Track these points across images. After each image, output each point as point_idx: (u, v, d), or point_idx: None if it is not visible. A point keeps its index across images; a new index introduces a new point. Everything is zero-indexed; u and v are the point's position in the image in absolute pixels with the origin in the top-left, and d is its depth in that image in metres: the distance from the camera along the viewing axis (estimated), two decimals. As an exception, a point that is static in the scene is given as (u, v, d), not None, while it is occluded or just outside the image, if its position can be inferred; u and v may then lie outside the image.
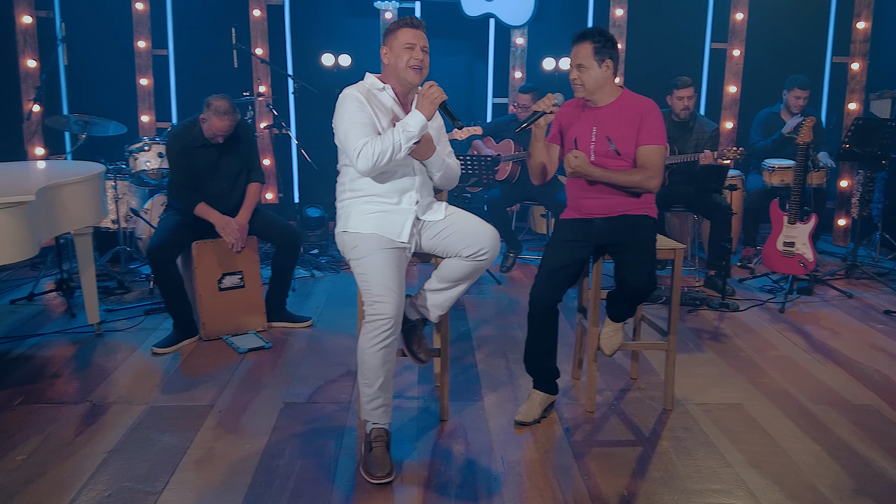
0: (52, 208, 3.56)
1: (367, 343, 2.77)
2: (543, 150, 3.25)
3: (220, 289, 4.14)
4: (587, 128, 3.20)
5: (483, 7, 6.34)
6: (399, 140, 2.79)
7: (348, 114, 2.84)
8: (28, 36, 5.72)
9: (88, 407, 3.32)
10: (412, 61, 2.91)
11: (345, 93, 2.89)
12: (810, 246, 4.82)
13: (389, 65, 2.95)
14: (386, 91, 2.96)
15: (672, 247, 3.28)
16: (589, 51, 3.12)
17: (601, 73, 3.14)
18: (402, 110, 2.98)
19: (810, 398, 3.50)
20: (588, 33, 3.15)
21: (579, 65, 3.13)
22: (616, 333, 3.24)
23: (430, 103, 2.83)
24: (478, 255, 2.95)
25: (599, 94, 3.19)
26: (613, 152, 3.15)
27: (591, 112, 3.22)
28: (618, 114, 3.18)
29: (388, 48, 2.95)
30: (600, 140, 3.17)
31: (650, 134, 3.15)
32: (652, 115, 3.18)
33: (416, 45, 2.92)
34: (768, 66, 6.53)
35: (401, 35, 2.92)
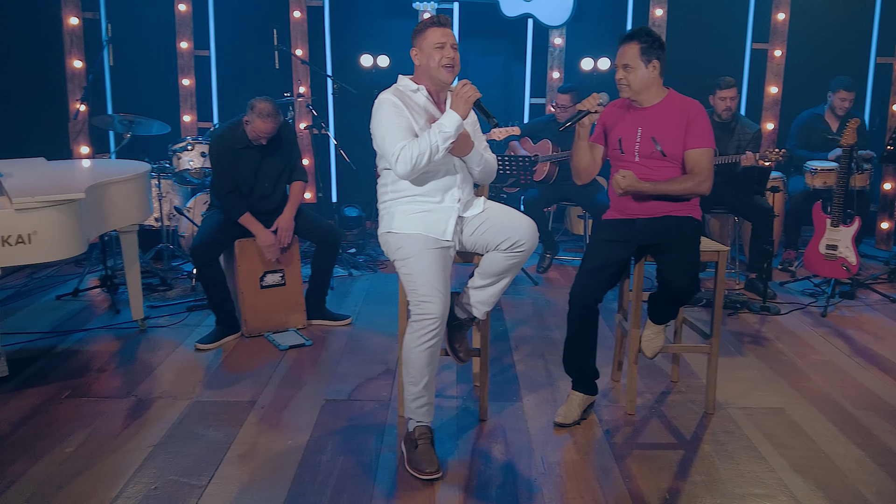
0: (100, 206, 3.64)
1: (413, 342, 2.80)
2: (587, 150, 3.25)
3: (262, 286, 4.19)
4: (632, 128, 3.19)
5: (521, 7, 6.33)
6: (436, 141, 2.79)
7: (385, 118, 2.86)
8: (75, 37, 5.84)
9: (134, 401, 3.39)
10: (444, 60, 2.92)
11: (380, 98, 2.91)
12: (853, 249, 4.74)
13: (421, 65, 2.96)
14: (420, 92, 2.98)
15: (715, 248, 3.26)
16: (636, 51, 3.11)
17: (647, 74, 3.13)
18: (437, 109, 2.99)
19: (853, 403, 3.45)
20: (635, 33, 3.15)
21: (626, 65, 3.13)
22: (657, 336, 3.22)
23: (465, 102, 2.83)
24: (515, 247, 2.95)
25: (645, 95, 3.18)
26: (658, 153, 3.14)
27: (637, 112, 3.21)
28: (664, 115, 3.17)
29: (417, 49, 2.96)
30: (645, 141, 3.16)
31: (698, 137, 3.14)
32: (700, 117, 3.16)
33: (445, 44, 2.93)
34: (810, 67, 6.43)
35: (429, 35, 2.93)
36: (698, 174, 3.13)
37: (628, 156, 3.19)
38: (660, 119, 3.17)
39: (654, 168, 3.15)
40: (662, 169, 3.16)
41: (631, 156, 3.18)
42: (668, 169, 3.16)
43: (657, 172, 3.14)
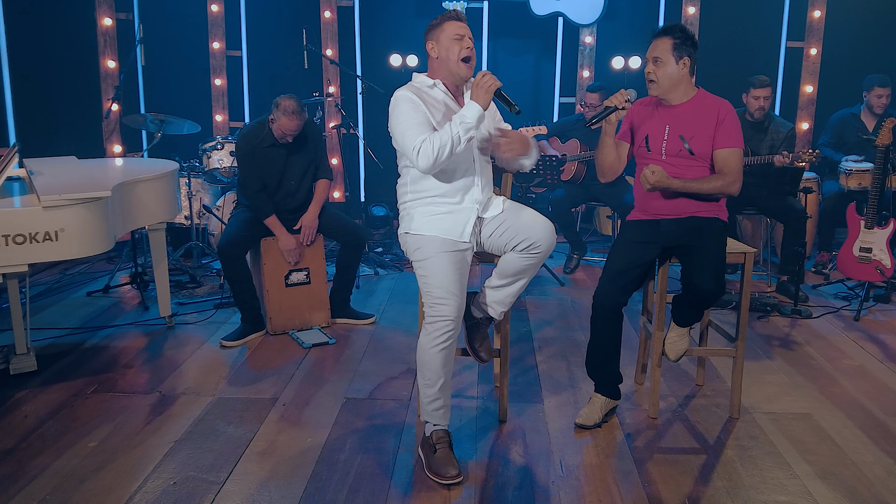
0: (128, 204, 3.69)
1: (427, 344, 2.79)
2: (613, 148, 3.21)
3: (287, 285, 4.22)
4: (660, 126, 3.15)
5: (552, 6, 6.29)
6: (457, 132, 2.75)
7: (403, 115, 2.84)
8: (108, 37, 5.94)
9: (158, 397, 3.43)
10: (463, 52, 2.88)
11: (396, 95, 2.89)
12: (888, 252, 4.63)
13: (439, 58, 2.92)
14: (437, 87, 2.95)
15: (742, 250, 3.20)
16: (668, 45, 3.07)
17: (677, 70, 3.09)
18: (455, 103, 2.96)
19: (884, 410, 3.37)
20: (669, 29, 3.11)
21: (656, 58, 3.09)
22: (682, 339, 3.17)
23: (486, 92, 2.79)
24: (531, 248, 2.92)
25: (673, 93, 3.14)
26: (686, 152, 3.09)
27: (665, 110, 3.17)
28: (693, 113, 3.12)
29: (434, 42, 2.92)
30: (672, 139, 3.11)
31: (728, 137, 3.09)
32: (729, 117, 3.11)
33: (464, 36, 2.91)
34: (847, 66, 6.29)
35: (447, 28, 2.90)
36: (728, 174, 3.08)
37: (655, 154, 3.15)
38: (688, 117, 3.12)
39: (680, 167, 3.10)
40: (690, 168, 3.11)
41: (658, 154, 3.14)
42: (696, 168, 3.11)
43: (684, 171, 3.10)
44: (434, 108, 2.91)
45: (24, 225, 3.07)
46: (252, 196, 4.13)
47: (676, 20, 6.39)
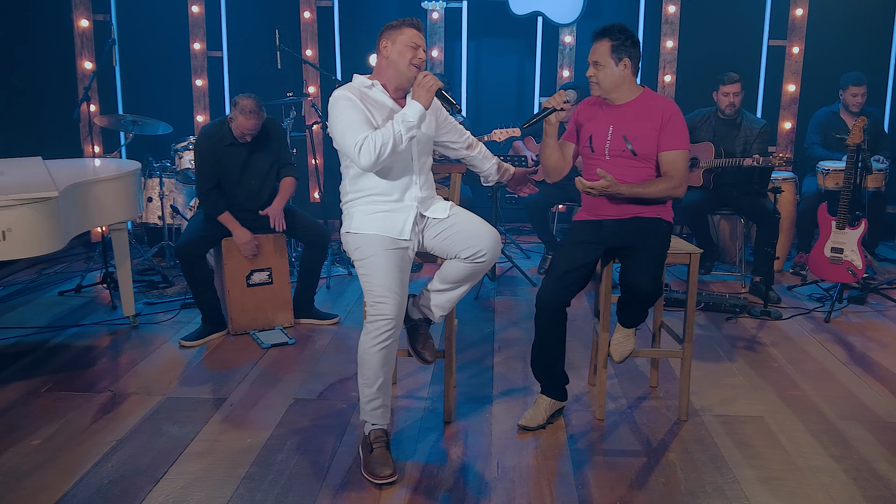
0: (84, 204, 3.70)
1: (367, 343, 2.78)
2: (555, 148, 3.19)
3: (249, 285, 4.22)
4: (604, 126, 3.13)
5: (531, 5, 6.26)
6: (399, 130, 2.76)
7: (342, 113, 2.84)
8: (85, 39, 5.96)
9: (109, 397, 3.44)
10: (416, 59, 2.91)
11: (335, 94, 2.90)
12: (860, 253, 4.57)
13: (389, 58, 2.93)
14: (375, 87, 2.95)
15: (687, 250, 3.17)
16: (606, 48, 3.06)
17: (617, 72, 3.07)
18: (394, 103, 2.96)
19: (839, 414, 3.32)
20: (607, 30, 3.10)
21: (596, 62, 3.09)
22: (627, 340, 3.15)
23: (427, 91, 2.81)
24: (476, 256, 2.92)
25: (616, 93, 3.13)
26: (629, 152, 3.07)
27: (610, 110, 3.15)
28: (637, 113, 3.10)
29: (389, 42, 2.93)
30: (616, 139, 3.09)
31: (673, 139, 3.06)
32: (674, 118, 3.08)
33: (419, 46, 2.95)
34: (829, 64, 6.20)
35: (406, 32, 2.93)
36: (674, 177, 3.05)
37: (598, 154, 3.13)
38: (632, 118, 3.10)
39: (624, 167, 3.08)
40: (633, 168, 3.08)
41: (601, 154, 3.12)
42: (639, 169, 3.09)
43: (627, 171, 3.07)
44: (374, 108, 2.91)
45: (-31, 225, 3.09)
46: (204, 193, 4.14)
47: (657, 19, 6.35)
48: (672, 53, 6.35)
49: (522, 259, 5.96)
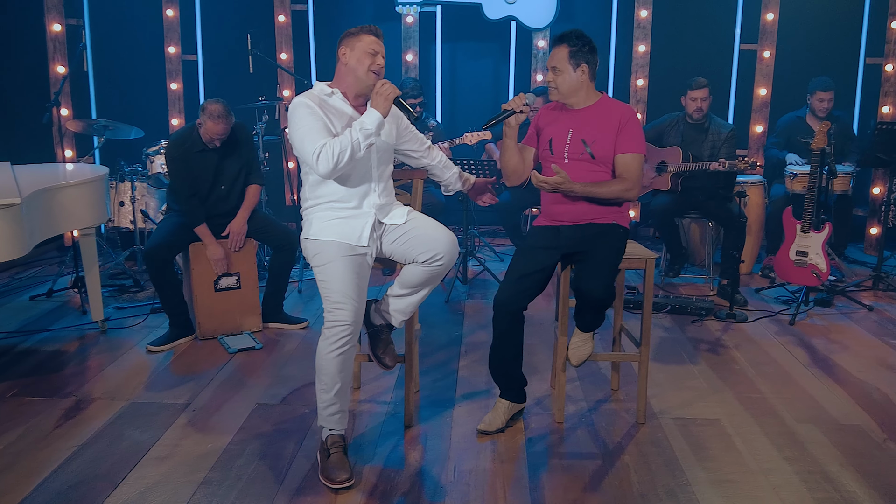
0: (49, 210, 3.71)
1: (325, 349, 2.81)
2: (515, 151, 3.24)
3: (217, 289, 4.24)
4: (563, 130, 3.18)
5: (505, 10, 6.31)
6: (357, 138, 2.79)
7: (301, 120, 2.86)
8: (58, 43, 5.97)
9: (73, 402, 3.45)
10: (374, 66, 2.94)
11: (294, 102, 2.92)
12: (824, 256, 4.63)
13: (348, 65, 2.95)
14: (335, 95, 2.98)
15: (643, 255, 3.21)
16: (564, 54, 3.11)
17: (575, 78, 3.12)
18: (354, 111, 2.99)
19: (796, 416, 3.37)
20: (565, 36, 3.14)
21: (554, 67, 3.13)
22: (585, 344, 3.19)
23: (385, 100, 2.84)
24: (433, 260, 2.96)
25: (574, 98, 3.18)
26: (588, 155, 3.12)
27: (569, 114, 3.20)
28: (595, 118, 3.16)
29: (348, 49, 2.96)
30: (575, 142, 3.14)
31: (629, 142, 3.11)
32: (631, 122, 3.13)
33: (378, 53, 2.96)
34: (800, 68, 6.28)
35: (365, 39, 2.95)
36: (627, 179, 3.10)
37: (558, 157, 3.17)
38: (591, 122, 3.15)
39: (583, 171, 3.12)
40: (592, 172, 3.13)
41: (560, 157, 3.16)
42: (598, 172, 3.13)
43: (586, 175, 3.12)
44: (334, 116, 2.94)
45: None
46: (184, 202, 4.15)
47: (629, 23, 6.41)
48: (644, 58, 6.40)
49: (495, 261, 6.00)
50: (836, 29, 6.37)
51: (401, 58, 6.44)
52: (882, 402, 3.53)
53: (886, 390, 3.66)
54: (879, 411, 3.43)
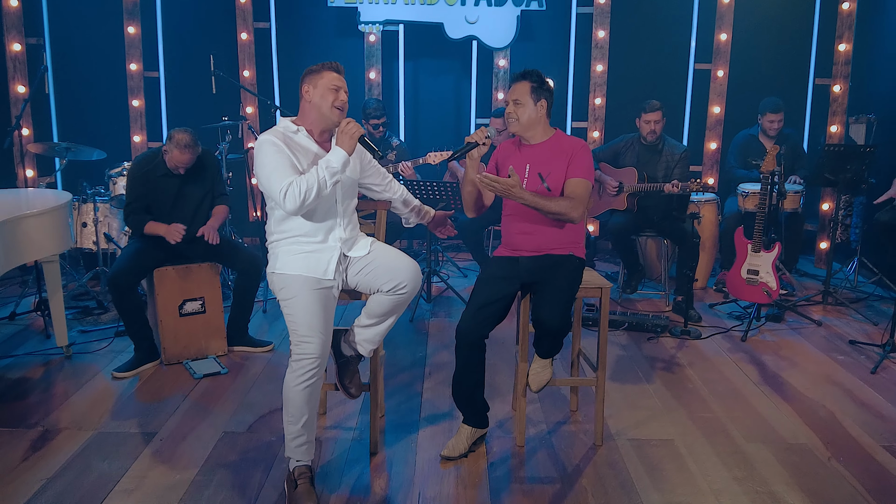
0: (13, 240, 3.72)
1: (292, 381, 2.88)
2: (474, 184, 3.34)
3: (181, 314, 4.27)
4: (521, 164, 3.33)
5: (466, 29, 6.42)
6: (323, 176, 2.88)
7: (267, 158, 2.93)
8: (18, 63, 5.93)
9: (40, 432, 3.47)
10: (337, 101, 3.03)
11: (260, 139, 2.99)
12: (774, 275, 4.81)
13: (312, 102, 3.03)
14: (300, 132, 3.06)
15: (598, 284, 3.34)
16: (526, 88, 3.26)
17: (535, 112, 3.26)
18: (319, 148, 3.07)
19: (745, 435, 3.52)
20: (527, 73, 3.32)
21: (516, 100, 3.28)
22: (544, 370, 3.30)
23: (350, 138, 2.93)
24: (397, 289, 3.05)
25: (532, 132, 3.32)
26: (544, 188, 3.24)
27: (526, 149, 3.35)
28: (550, 152, 3.30)
29: (311, 86, 3.04)
30: (532, 176, 3.29)
31: (578, 169, 3.27)
32: (581, 152, 3.29)
33: (340, 88, 3.05)
34: (752, 87, 6.49)
35: (327, 76, 3.03)
36: (573, 199, 3.22)
37: None
38: (546, 156, 3.30)
39: None
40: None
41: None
42: None
43: None
44: (299, 153, 3.01)
45: None
46: (127, 212, 4.21)
47: (587, 43, 6.56)
48: (602, 77, 6.56)
49: (458, 277, 6.10)
50: (786, 50, 6.59)
51: (364, 76, 6.51)
52: (827, 420, 3.69)
53: (832, 408, 3.83)
54: (825, 429, 3.59)
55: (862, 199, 5.96)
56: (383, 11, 6.35)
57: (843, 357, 4.53)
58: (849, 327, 5.08)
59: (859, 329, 5.03)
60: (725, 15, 6.46)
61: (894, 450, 3.39)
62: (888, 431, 3.58)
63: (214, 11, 6.51)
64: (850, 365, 4.41)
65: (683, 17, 6.62)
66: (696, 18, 6.61)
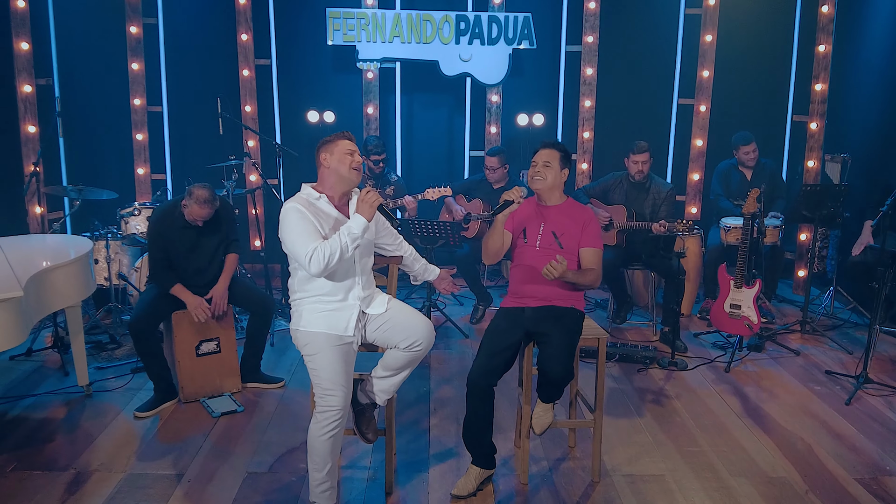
0: (43, 292, 3.93)
1: (317, 432, 3.14)
2: (501, 235, 3.66)
3: (198, 354, 4.50)
4: (537, 222, 3.70)
5: (460, 67, 6.68)
6: (346, 241, 3.14)
7: (293, 224, 3.20)
8: (28, 103, 6.13)
9: (73, 475, 3.68)
10: (353, 164, 3.31)
11: (286, 207, 3.25)
12: (755, 309, 5.11)
13: (330, 168, 3.30)
14: (322, 199, 3.31)
15: (596, 335, 3.62)
16: (556, 156, 3.66)
17: (559, 177, 3.68)
18: (340, 214, 3.33)
19: (730, 469, 3.81)
20: (558, 144, 3.72)
21: (546, 162, 3.64)
22: (546, 413, 3.57)
23: (370, 206, 3.19)
24: (413, 346, 3.32)
25: (550, 194, 3.70)
26: (557, 245, 3.62)
27: (542, 210, 3.72)
28: (564, 215, 3.69)
29: (328, 154, 3.31)
30: (546, 234, 3.65)
31: (592, 239, 3.67)
32: (592, 222, 3.70)
33: (354, 152, 3.34)
34: (733, 121, 6.81)
35: (341, 144, 3.33)
36: (595, 270, 3.64)
37: (531, 243, 3.66)
38: (560, 219, 3.68)
39: (550, 256, 3.55)
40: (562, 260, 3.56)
41: (533, 244, 3.66)
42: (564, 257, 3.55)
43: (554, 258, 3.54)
44: (322, 219, 3.27)
45: (-59, 326, 3.31)
46: (156, 270, 4.44)
47: (576, 80, 6.85)
48: (590, 112, 6.86)
49: (455, 306, 6.37)
50: (765, 87, 6.94)
51: (362, 110, 6.76)
52: (804, 453, 3.99)
53: (809, 440, 4.13)
54: (802, 462, 3.89)
55: (837, 232, 6.30)
56: (381, 50, 6.60)
57: (819, 388, 4.84)
58: (825, 356, 5.39)
59: (835, 358, 5.35)
60: (707, 53, 6.78)
61: (866, 482, 3.70)
62: (860, 464, 3.88)
63: (217, 48, 6.75)
64: (825, 396, 4.72)
65: (667, 55, 6.95)
66: (680, 56, 6.95)
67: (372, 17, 6.55)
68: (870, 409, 4.52)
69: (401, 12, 6.60)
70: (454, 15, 6.61)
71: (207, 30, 6.74)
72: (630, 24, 6.88)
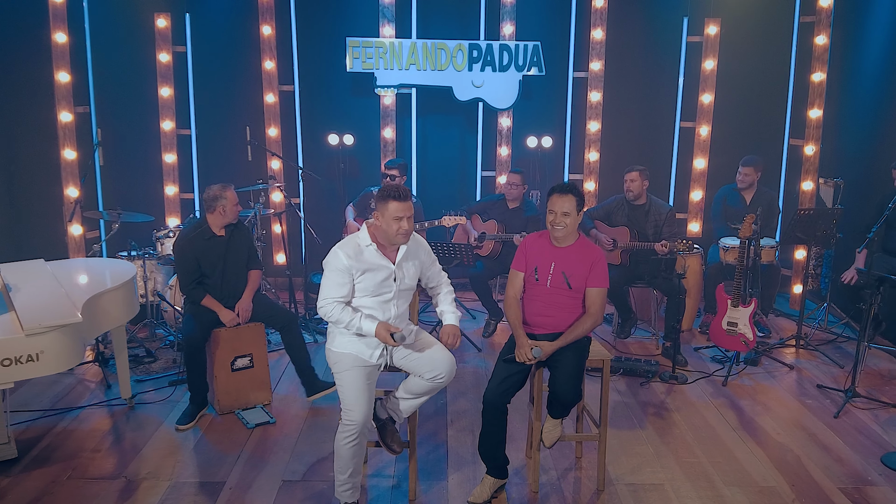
0: (95, 315, 4.29)
1: (341, 440, 3.55)
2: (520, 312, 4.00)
3: (233, 369, 4.87)
4: (548, 262, 3.93)
5: (472, 92, 7.04)
6: (358, 325, 3.59)
7: (331, 271, 3.60)
8: (67, 130, 6.51)
9: (123, 483, 4.05)
10: (400, 231, 3.59)
11: (335, 249, 3.62)
12: (751, 327, 5.46)
13: (381, 226, 3.61)
14: (371, 248, 3.64)
15: (601, 357, 3.97)
16: (573, 202, 3.85)
17: (576, 222, 3.89)
18: (385, 259, 3.66)
19: (725, 479, 4.15)
20: (572, 189, 3.88)
21: (566, 213, 3.84)
22: (555, 428, 3.93)
23: (383, 339, 3.58)
24: (436, 378, 3.69)
25: (566, 239, 3.93)
26: (566, 285, 3.88)
27: (554, 250, 3.96)
28: (575, 255, 3.92)
29: (380, 214, 3.60)
30: (556, 274, 3.90)
31: (598, 279, 3.90)
32: (600, 261, 3.92)
33: (403, 217, 3.57)
34: (733, 144, 7.16)
35: (391, 206, 3.55)
36: (594, 314, 3.87)
37: (542, 282, 3.92)
38: (571, 258, 3.91)
39: (559, 294, 3.89)
40: (566, 297, 3.89)
41: (544, 282, 3.91)
42: (571, 298, 3.89)
43: (562, 300, 3.89)
44: (366, 263, 3.63)
45: (9, 351, 3.65)
46: (187, 285, 4.81)
47: (583, 104, 7.20)
48: (596, 135, 7.21)
49: (468, 321, 6.72)
50: (764, 111, 7.28)
51: (379, 133, 7.14)
52: (793, 464, 4.33)
53: (798, 451, 4.47)
54: (791, 473, 4.23)
55: (831, 252, 6.62)
56: (397, 76, 6.97)
57: (810, 401, 5.18)
58: (818, 370, 5.73)
59: (827, 372, 5.68)
60: (708, 79, 7.12)
61: (849, 492, 4.04)
62: (844, 475, 4.22)
63: (242, 75, 7.13)
64: (816, 409, 5.05)
65: (670, 81, 7.30)
66: (682, 82, 7.29)
67: (389, 45, 6.92)
68: (856, 422, 4.85)
69: (417, 41, 6.97)
70: (467, 44, 6.97)
71: (233, 57, 7.12)
72: (635, 52, 7.23)
